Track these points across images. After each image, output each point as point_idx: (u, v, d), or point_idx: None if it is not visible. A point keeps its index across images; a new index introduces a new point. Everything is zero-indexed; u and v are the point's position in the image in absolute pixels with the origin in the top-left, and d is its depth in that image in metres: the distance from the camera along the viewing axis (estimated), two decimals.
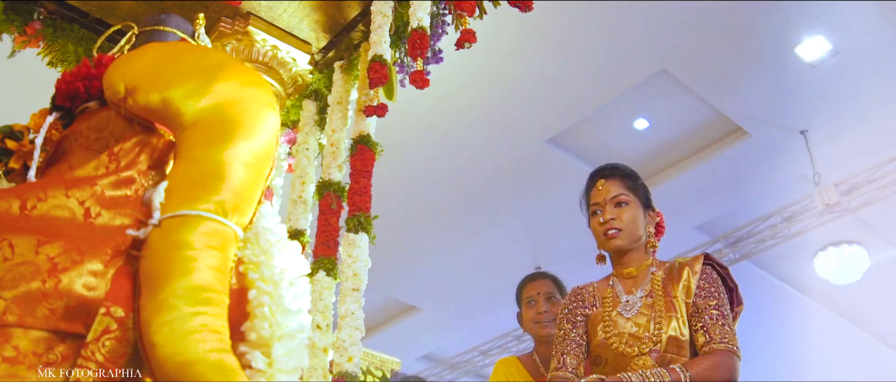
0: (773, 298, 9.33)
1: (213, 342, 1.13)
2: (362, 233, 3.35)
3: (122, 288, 1.19)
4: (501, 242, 8.40)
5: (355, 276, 3.24)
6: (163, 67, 1.40)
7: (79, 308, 1.16)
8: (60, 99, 1.49)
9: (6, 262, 1.16)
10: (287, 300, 1.25)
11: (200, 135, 1.32)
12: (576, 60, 6.50)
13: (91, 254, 1.20)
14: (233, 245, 1.27)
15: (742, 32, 6.25)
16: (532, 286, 3.28)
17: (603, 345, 2.40)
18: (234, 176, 1.28)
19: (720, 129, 7.43)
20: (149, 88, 1.36)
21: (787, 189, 7.89)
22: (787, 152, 7.42)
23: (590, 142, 7.39)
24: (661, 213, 2.60)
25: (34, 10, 3.51)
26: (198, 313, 1.14)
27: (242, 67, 1.47)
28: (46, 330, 1.14)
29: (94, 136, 1.41)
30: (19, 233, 1.19)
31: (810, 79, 6.66)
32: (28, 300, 1.13)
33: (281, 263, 1.30)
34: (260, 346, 1.22)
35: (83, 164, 1.37)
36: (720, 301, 2.31)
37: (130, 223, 1.28)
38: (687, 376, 2.12)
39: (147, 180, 1.38)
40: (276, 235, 1.34)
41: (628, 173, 2.56)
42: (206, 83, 1.36)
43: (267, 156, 1.37)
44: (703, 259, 2.42)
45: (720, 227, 8.55)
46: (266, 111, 1.40)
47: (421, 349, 10.84)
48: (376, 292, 9.01)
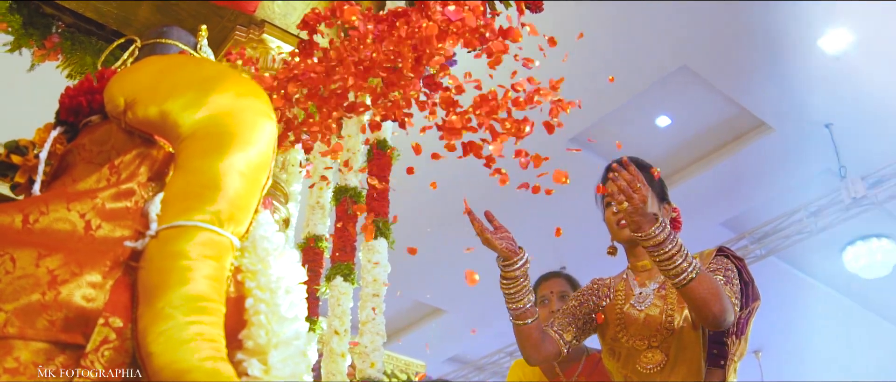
0: (801, 294, 9.23)
1: (209, 350, 1.15)
2: (381, 238, 3.37)
3: (121, 299, 1.22)
4: (525, 242, 8.32)
5: (375, 282, 3.24)
6: (160, 79, 1.43)
7: (78, 319, 1.19)
8: (64, 113, 1.52)
9: (8, 275, 1.18)
10: (283, 307, 1.27)
11: (197, 146, 1.34)
12: (596, 59, 6.47)
13: (90, 266, 1.22)
14: (229, 255, 1.29)
15: (763, 26, 6.19)
16: (545, 286, 3.29)
17: (615, 338, 2.40)
18: (229, 186, 1.30)
19: (743, 124, 7.36)
20: (147, 102, 1.39)
21: (813, 183, 7.79)
22: (812, 146, 7.34)
23: (612, 140, 7.36)
24: (677, 208, 2.58)
25: (52, 24, 3.56)
26: (193, 322, 1.16)
27: (239, 78, 1.49)
28: (47, 341, 1.17)
29: (96, 149, 1.44)
30: (21, 247, 1.22)
31: (833, 71, 6.57)
32: (28, 312, 1.16)
33: (277, 271, 1.32)
34: (256, 353, 1.24)
35: (86, 177, 1.40)
36: (727, 277, 2.28)
37: (130, 235, 1.31)
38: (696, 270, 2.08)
39: (147, 191, 1.40)
40: (273, 243, 1.36)
41: (643, 165, 2.54)
42: (203, 95, 1.38)
43: (263, 165, 1.39)
44: (716, 251, 2.41)
45: (746, 223, 8.47)
46: (262, 121, 1.42)
47: (447, 351, 10.84)
48: (402, 295, 9.04)
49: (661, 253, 2.08)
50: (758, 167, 7.67)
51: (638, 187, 2.07)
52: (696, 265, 2.09)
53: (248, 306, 1.28)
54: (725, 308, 2.12)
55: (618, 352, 2.40)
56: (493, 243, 2.27)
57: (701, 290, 2.08)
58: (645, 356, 2.30)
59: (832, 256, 8.57)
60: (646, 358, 2.30)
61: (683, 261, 2.07)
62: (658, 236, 2.08)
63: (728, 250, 2.43)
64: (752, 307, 2.40)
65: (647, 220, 2.09)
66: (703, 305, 2.10)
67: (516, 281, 2.31)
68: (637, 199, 2.06)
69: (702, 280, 2.08)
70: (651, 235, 2.08)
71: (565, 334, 2.43)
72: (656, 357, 2.29)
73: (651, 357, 2.30)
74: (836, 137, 7.20)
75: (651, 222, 2.09)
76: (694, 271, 2.07)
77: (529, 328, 2.32)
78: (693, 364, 2.28)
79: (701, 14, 6.08)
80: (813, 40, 6.34)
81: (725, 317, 2.13)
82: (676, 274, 2.08)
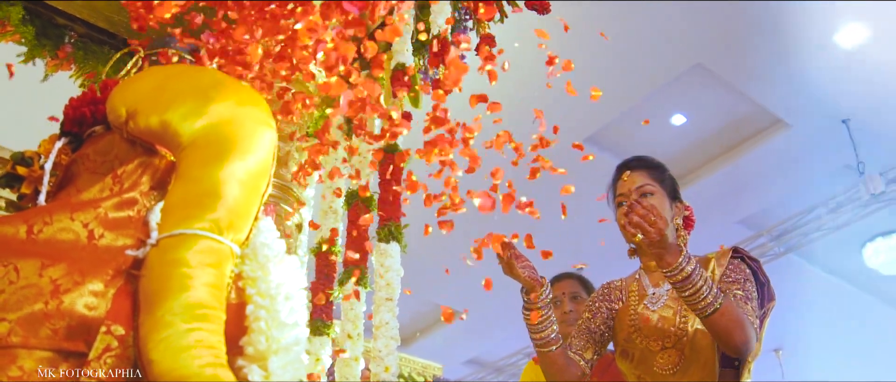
0: (821, 291, 9.15)
1: (209, 357, 1.16)
2: (393, 242, 3.37)
3: (123, 307, 1.23)
4: (542, 241, 8.32)
5: (388, 286, 3.24)
6: (161, 89, 1.45)
7: (80, 328, 1.21)
8: (68, 124, 1.54)
9: (11, 285, 1.20)
10: (283, 313, 1.29)
11: (197, 155, 1.35)
12: (609, 58, 6.46)
13: (92, 275, 1.24)
14: (229, 262, 1.30)
15: (778, 22, 6.15)
16: (557, 287, 3.28)
17: (628, 339, 2.39)
18: (229, 194, 1.32)
19: (759, 121, 7.33)
20: (148, 111, 1.41)
21: (831, 180, 7.74)
22: (830, 142, 7.29)
23: (627, 140, 7.34)
24: (690, 206, 2.56)
25: (65, 34, 3.60)
26: (193, 329, 1.17)
27: (239, 86, 1.50)
28: (50, 350, 1.18)
29: (100, 159, 1.46)
30: (25, 257, 1.24)
31: (850, 66, 6.53)
32: (31, 321, 1.18)
33: (277, 277, 1.33)
34: (256, 360, 1.25)
35: (90, 187, 1.42)
36: (746, 289, 2.25)
37: (133, 244, 1.32)
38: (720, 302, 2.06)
39: (149, 200, 1.42)
40: (273, 250, 1.37)
41: (654, 165, 2.51)
42: (203, 104, 1.40)
43: (262, 173, 1.40)
44: (731, 252, 2.38)
45: (764, 221, 8.42)
46: (261, 129, 1.43)
47: (465, 353, 10.84)
48: (418, 297, 9.05)
49: (688, 287, 2.05)
50: (775, 165, 7.62)
51: (653, 221, 2.04)
52: (720, 296, 2.06)
53: (249, 312, 1.30)
54: (749, 338, 2.11)
55: (631, 353, 2.39)
56: (516, 273, 2.26)
57: (724, 321, 2.06)
58: (659, 357, 2.29)
59: (852, 252, 8.50)
60: (660, 359, 2.29)
61: (709, 293, 2.05)
62: (684, 268, 2.05)
63: (743, 251, 2.40)
64: (767, 307, 2.38)
65: (670, 252, 2.06)
66: (726, 335, 2.08)
67: (540, 312, 2.30)
68: (653, 232, 2.04)
69: (725, 311, 2.06)
70: (676, 268, 2.05)
71: (585, 353, 2.43)
72: (670, 358, 2.28)
73: (665, 358, 2.28)
74: (853, 133, 7.15)
75: (674, 254, 2.05)
76: (718, 301, 2.05)
77: (554, 355, 2.32)
78: (707, 365, 2.27)
79: (714, 11, 6.05)
80: (829, 35, 6.30)
81: (748, 347, 2.12)
82: (701, 307, 2.06)
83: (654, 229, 2.03)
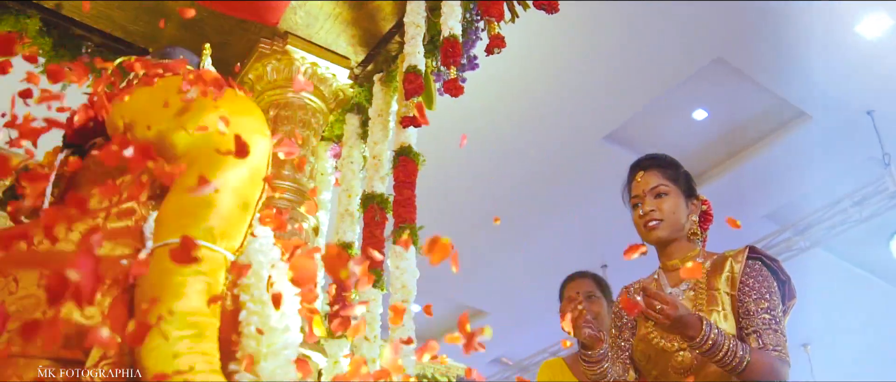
0: (848, 285, 9.05)
1: (202, 363, 1.18)
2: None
3: (119, 315, 1.26)
4: (564, 242, 8.34)
5: (404, 288, 3.25)
6: (157, 100, 1.47)
7: (77, 336, 1.23)
8: (71, 136, 1.57)
9: (11, 296, 1.23)
10: (274, 319, 1.30)
11: (191, 165, 1.37)
12: (629, 55, 6.44)
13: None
14: (222, 270, 1.32)
15: (798, 14, 6.08)
16: (572, 286, 3.27)
17: (644, 339, 2.37)
18: (222, 203, 1.33)
19: (782, 114, 7.26)
20: (144, 123, 1.43)
21: (856, 172, 7.64)
22: (854, 134, 7.20)
23: (648, 136, 7.30)
24: (707, 200, 2.53)
25: (82, 45, 3.66)
26: (186, 336, 1.19)
27: (234, 96, 1.52)
28: (48, 359, 1.21)
29: (100, 170, 1.49)
30: (25, 268, 1.27)
31: (873, 57, 6.45)
32: (29, 332, 1.20)
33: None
34: (248, 364, 1.27)
35: (90, 197, 1.44)
36: (772, 304, 2.22)
37: (129, 253, 1.34)
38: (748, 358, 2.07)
39: (146, 210, 1.44)
40: (267, 257, 1.39)
41: (668, 163, 2.49)
42: (198, 114, 1.42)
43: (256, 181, 1.41)
44: (747, 252, 2.32)
45: (788, 215, 8.32)
46: (255, 138, 1.45)
47: (490, 353, 10.83)
48: (442, 298, 9.06)
49: (717, 351, 2.06)
50: (799, 158, 7.55)
51: (659, 308, 2.04)
52: (747, 350, 2.07)
53: (241, 318, 1.32)
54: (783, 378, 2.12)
55: (647, 353, 2.38)
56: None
57: (756, 374, 2.08)
58: (675, 357, 2.28)
59: (879, 245, 8.40)
60: (676, 360, 2.28)
61: (739, 352, 2.06)
62: (709, 335, 2.05)
63: (760, 251, 2.34)
64: (788, 305, 2.34)
65: (690, 327, 2.06)
66: None
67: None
68: (661, 318, 2.05)
69: (755, 364, 2.07)
70: (702, 338, 2.06)
71: (628, 376, 2.43)
72: (687, 357, 2.26)
73: (682, 357, 2.27)
74: (878, 124, 7.05)
75: (696, 327, 2.06)
76: (747, 356, 2.07)
77: None
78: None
79: (734, 4, 6.00)
80: (850, 26, 6.22)
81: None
82: (734, 364, 2.07)
83: (663, 315, 2.05)
